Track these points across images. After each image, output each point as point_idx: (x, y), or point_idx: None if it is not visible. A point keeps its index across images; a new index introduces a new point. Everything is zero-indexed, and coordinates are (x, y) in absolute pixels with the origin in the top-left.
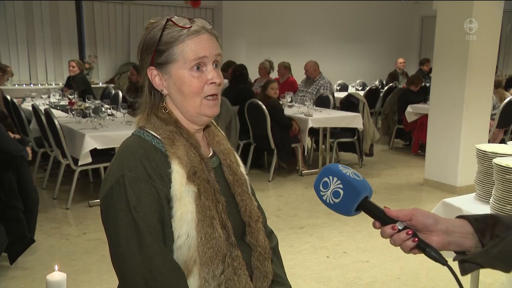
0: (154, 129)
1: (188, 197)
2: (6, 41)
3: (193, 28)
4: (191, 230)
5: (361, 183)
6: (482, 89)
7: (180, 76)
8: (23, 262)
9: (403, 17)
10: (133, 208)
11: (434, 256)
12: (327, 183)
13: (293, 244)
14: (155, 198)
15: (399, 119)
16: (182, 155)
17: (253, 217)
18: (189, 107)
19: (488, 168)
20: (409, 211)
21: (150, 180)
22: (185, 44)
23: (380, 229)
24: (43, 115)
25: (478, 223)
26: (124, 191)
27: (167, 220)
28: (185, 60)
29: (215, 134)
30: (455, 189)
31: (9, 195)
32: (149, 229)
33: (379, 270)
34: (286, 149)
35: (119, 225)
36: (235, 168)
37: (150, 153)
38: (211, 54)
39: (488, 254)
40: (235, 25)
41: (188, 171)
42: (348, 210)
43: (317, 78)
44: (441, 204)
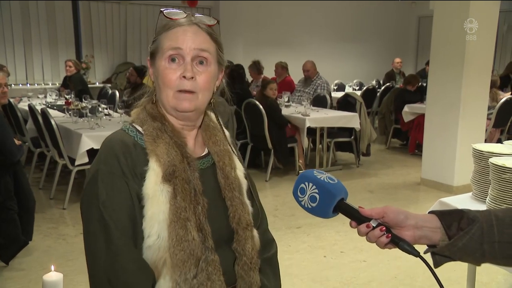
0: (141, 124)
1: (162, 197)
2: (3, 40)
3: (180, 20)
4: (162, 230)
5: (335, 186)
6: (479, 89)
7: (158, 67)
8: (19, 263)
9: (400, 17)
10: (101, 203)
11: (407, 249)
12: (304, 189)
13: (290, 244)
14: (127, 195)
15: (396, 118)
16: (161, 153)
17: (241, 224)
18: (163, 99)
19: (484, 168)
20: (381, 209)
21: (123, 176)
22: (166, 35)
23: (356, 228)
24: (40, 115)
25: (445, 217)
26: (96, 185)
27: (138, 219)
28: (162, 50)
29: (214, 134)
30: (451, 188)
31: (5, 197)
32: (116, 226)
33: (376, 269)
34: (283, 149)
35: (90, 220)
36: (228, 171)
37: (129, 148)
38: (188, 47)
39: (454, 247)
40: (232, 25)
41: (166, 170)
42: (326, 213)
43: (314, 78)
44: (437, 204)
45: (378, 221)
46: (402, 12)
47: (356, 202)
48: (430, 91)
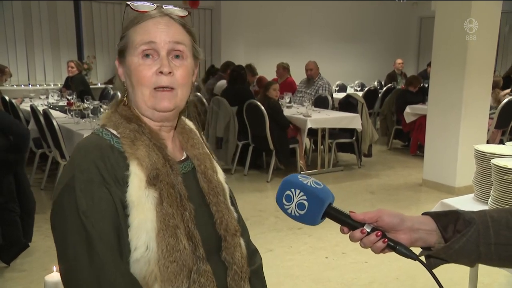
0: (115, 127)
1: (148, 203)
2: (5, 41)
3: (150, 12)
4: (151, 241)
5: (322, 191)
6: (481, 90)
7: (130, 64)
8: (21, 264)
9: (401, 18)
10: (82, 213)
11: (405, 253)
12: (290, 196)
13: (292, 245)
14: (110, 202)
15: (398, 119)
16: (142, 156)
17: (229, 231)
18: (137, 99)
19: (486, 169)
20: (375, 213)
21: (103, 183)
22: (136, 29)
23: (349, 234)
24: (42, 116)
25: (441, 219)
26: (74, 194)
27: (124, 229)
28: (134, 46)
29: (191, 137)
30: (453, 189)
31: (7, 198)
32: (100, 237)
33: (377, 270)
34: (284, 150)
35: (67, 231)
36: (211, 175)
37: (106, 153)
38: (162, 40)
39: (450, 249)
40: (233, 26)
41: (149, 174)
42: (314, 220)
43: (316, 79)
44: (439, 205)
45: (372, 225)
46: (404, 12)
47: (358, 203)
48: (431, 92)
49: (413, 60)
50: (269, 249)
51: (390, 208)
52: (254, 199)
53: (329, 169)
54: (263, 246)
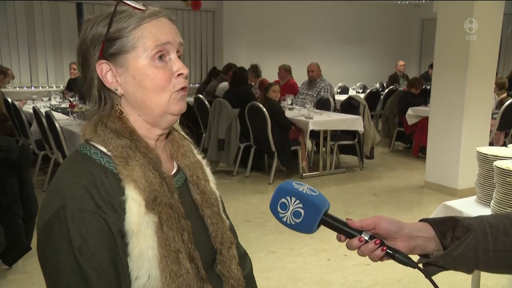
0: (104, 144)
1: (148, 230)
2: (7, 43)
3: (149, 11)
4: (153, 269)
5: (318, 198)
6: (483, 92)
7: (140, 68)
8: (23, 266)
9: (403, 20)
10: (77, 249)
11: (404, 261)
12: (285, 204)
13: (294, 247)
14: (106, 233)
15: (400, 121)
16: (139, 178)
17: (225, 244)
18: (154, 105)
19: (488, 171)
20: (372, 220)
21: (99, 212)
22: (143, 28)
23: (346, 242)
24: (44, 118)
25: (439, 226)
26: (66, 226)
27: (122, 259)
28: (145, 47)
29: (181, 145)
30: (455, 191)
31: (11, 201)
32: (98, 274)
33: (380, 273)
34: (286, 152)
35: (60, 269)
36: (204, 185)
37: (99, 176)
38: (175, 41)
39: (449, 257)
40: (235, 28)
41: (147, 197)
42: (310, 228)
43: (318, 81)
44: (442, 207)
45: (369, 233)
46: (406, 14)
47: (360, 205)
48: (434, 93)
49: (415, 62)
50: (271, 251)
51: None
52: (256, 201)
53: (331, 171)
54: (265, 248)
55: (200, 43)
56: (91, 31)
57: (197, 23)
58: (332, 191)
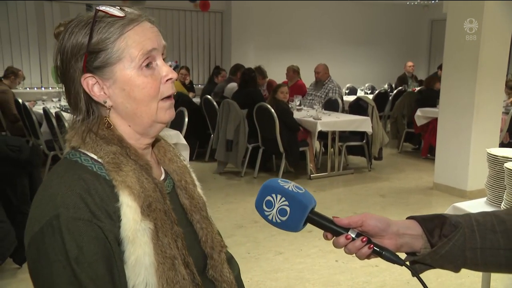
0: (94, 151)
1: (144, 237)
2: (18, 44)
3: (129, 16)
4: (150, 277)
5: (304, 196)
6: (493, 93)
7: (128, 79)
8: None
9: (412, 21)
10: (73, 259)
11: (391, 258)
12: (271, 201)
13: (302, 248)
14: (102, 242)
15: (409, 122)
16: (133, 184)
17: (215, 248)
18: (144, 115)
19: (499, 173)
20: (359, 217)
21: (94, 220)
22: (126, 37)
23: (333, 240)
24: (54, 118)
25: (427, 223)
26: (60, 237)
27: (119, 267)
28: (131, 57)
29: (167, 150)
30: (465, 193)
31: (21, 200)
32: (95, 284)
33: (388, 274)
34: (294, 153)
35: (55, 281)
36: (192, 190)
37: (92, 184)
38: (159, 45)
39: (437, 255)
40: (244, 29)
41: (142, 203)
42: (296, 226)
43: (326, 82)
44: (451, 209)
45: (356, 230)
46: (415, 15)
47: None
48: (443, 95)
49: (424, 62)
50: (279, 252)
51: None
52: None
53: (339, 172)
54: (273, 249)
55: (208, 44)
56: (69, 41)
57: (205, 24)
58: (340, 192)
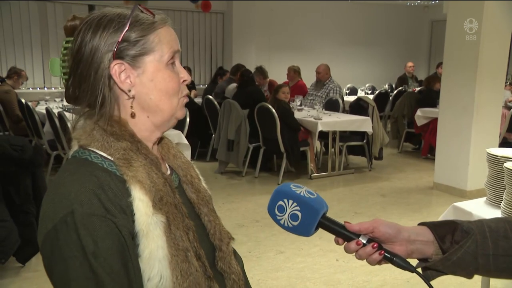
0: (103, 148)
1: (157, 230)
2: (21, 45)
3: (158, 16)
4: (164, 269)
5: (316, 201)
6: (492, 93)
7: (158, 70)
8: (36, 264)
9: (412, 21)
10: (91, 254)
11: (402, 265)
12: (283, 206)
13: (302, 247)
14: (116, 237)
15: (410, 122)
16: (144, 178)
17: (224, 240)
18: (166, 107)
19: (498, 172)
20: (370, 223)
21: (108, 215)
22: (159, 34)
23: (344, 245)
24: (57, 118)
25: (438, 229)
26: (76, 233)
27: (134, 261)
28: (162, 52)
29: (170, 147)
30: (465, 193)
31: (24, 200)
32: (111, 278)
33: (388, 273)
34: (295, 153)
35: (71, 277)
36: (197, 184)
37: (105, 180)
38: (179, 49)
39: (448, 261)
40: (245, 29)
41: (153, 197)
42: (307, 231)
43: (326, 82)
44: (451, 208)
45: (367, 236)
46: (415, 16)
47: (369, 206)
48: (443, 95)
49: (424, 63)
50: (280, 251)
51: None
52: (265, 201)
53: (340, 172)
54: (274, 248)
55: (210, 44)
56: (100, 28)
57: (206, 25)
58: (341, 191)
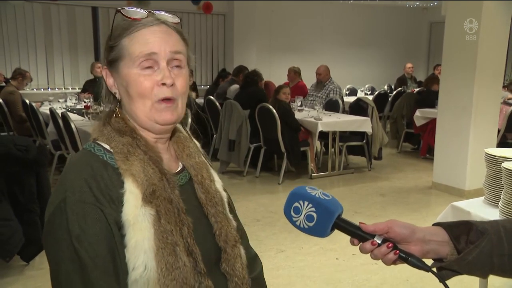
0: (107, 141)
1: (145, 222)
2: (26, 46)
3: (145, 19)
4: (149, 260)
5: (332, 202)
6: (491, 93)
7: (126, 75)
8: (39, 262)
9: (411, 23)
10: (75, 238)
11: (417, 264)
12: (299, 208)
13: (303, 246)
14: (104, 224)
15: (409, 122)
16: (137, 172)
17: (229, 242)
18: (137, 111)
19: (497, 172)
20: (385, 224)
21: (97, 203)
22: (132, 38)
23: (359, 246)
24: (60, 119)
25: (453, 230)
26: (65, 217)
27: (120, 250)
28: (131, 56)
29: (186, 146)
30: (463, 192)
31: (28, 199)
32: (95, 263)
33: (388, 272)
34: (295, 153)
35: (60, 258)
36: (208, 185)
37: (99, 170)
38: (163, 51)
39: (464, 261)
40: (246, 31)
41: (145, 190)
42: (323, 232)
43: (326, 83)
44: (450, 208)
45: (382, 237)
46: (414, 18)
47: (368, 205)
48: (442, 96)
49: (423, 64)
50: (280, 250)
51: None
52: (265, 200)
53: (340, 171)
54: (274, 247)
55: (211, 46)
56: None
57: (208, 26)
58: (341, 191)
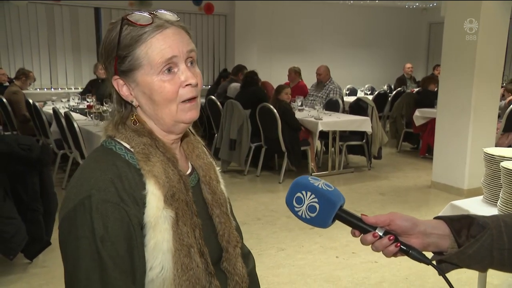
0: (127, 141)
1: (165, 224)
2: (29, 47)
3: (154, 23)
4: (167, 261)
5: (334, 193)
6: (489, 94)
7: (148, 83)
8: (43, 260)
9: (411, 24)
10: (99, 237)
11: (418, 257)
12: (301, 198)
13: (303, 244)
14: (126, 224)
15: (408, 122)
16: (159, 174)
17: (231, 242)
18: (164, 116)
19: (495, 171)
20: (387, 216)
21: (121, 204)
22: (148, 45)
23: (360, 237)
24: (63, 118)
25: (454, 223)
26: (90, 215)
27: (139, 250)
28: (151, 64)
29: (195, 146)
30: (462, 191)
31: (32, 198)
32: (115, 263)
33: (387, 270)
34: (296, 152)
35: (80, 255)
36: (215, 186)
37: (123, 171)
38: (181, 52)
39: (464, 255)
40: (247, 31)
41: (166, 192)
42: (325, 222)
43: (327, 83)
44: (449, 206)
45: (384, 229)
46: (413, 18)
47: (368, 204)
48: (441, 95)
49: (422, 64)
50: (281, 248)
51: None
52: (266, 199)
53: (340, 171)
54: (275, 245)
55: (212, 46)
56: (105, 43)
57: (209, 27)
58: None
